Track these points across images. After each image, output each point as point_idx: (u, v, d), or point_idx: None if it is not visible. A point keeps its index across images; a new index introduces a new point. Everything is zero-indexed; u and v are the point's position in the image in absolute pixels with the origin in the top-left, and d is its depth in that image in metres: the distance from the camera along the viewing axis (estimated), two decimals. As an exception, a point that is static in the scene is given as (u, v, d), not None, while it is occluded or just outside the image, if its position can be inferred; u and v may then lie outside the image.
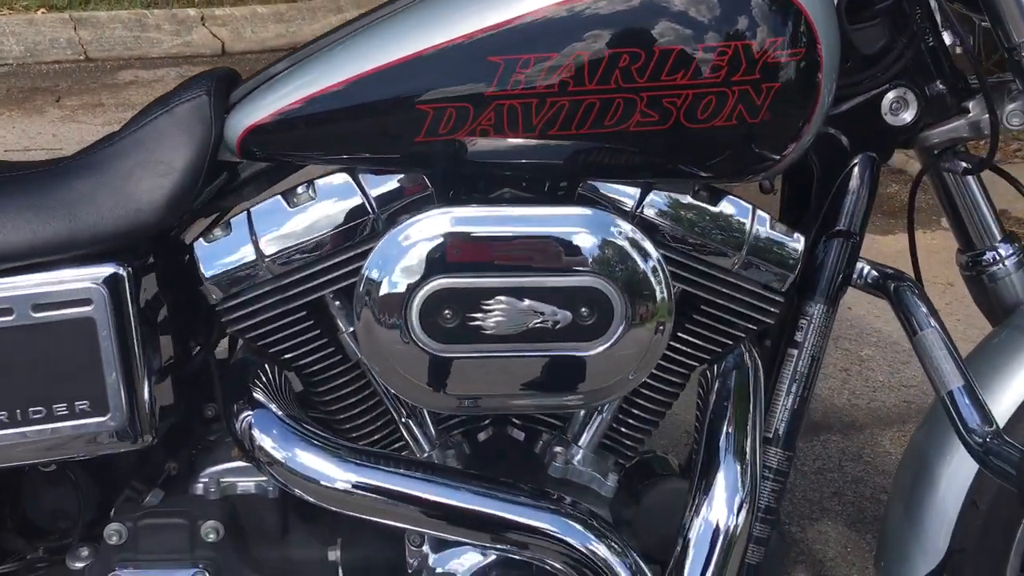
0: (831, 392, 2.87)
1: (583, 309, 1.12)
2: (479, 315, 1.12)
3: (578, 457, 1.31)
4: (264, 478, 1.31)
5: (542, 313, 1.12)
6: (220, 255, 1.20)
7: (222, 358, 1.40)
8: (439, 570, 1.26)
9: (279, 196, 1.20)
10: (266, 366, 1.25)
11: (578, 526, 1.17)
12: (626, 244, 1.12)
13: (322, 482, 1.15)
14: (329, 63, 1.16)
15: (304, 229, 1.19)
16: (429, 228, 1.12)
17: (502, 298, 1.12)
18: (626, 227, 1.13)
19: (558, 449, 1.31)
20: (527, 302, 1.12)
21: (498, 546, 1.18)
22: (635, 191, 1.20)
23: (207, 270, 1.20)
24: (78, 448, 1.20)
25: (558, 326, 1.13)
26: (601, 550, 1.17)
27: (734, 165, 1.18)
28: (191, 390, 1.37)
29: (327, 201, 1.19)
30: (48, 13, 5.75)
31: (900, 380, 2.95)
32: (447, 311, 1.12)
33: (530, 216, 1.14)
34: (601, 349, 1.14)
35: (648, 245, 1.13)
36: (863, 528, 2.33)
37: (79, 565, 1.29)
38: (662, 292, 1.14)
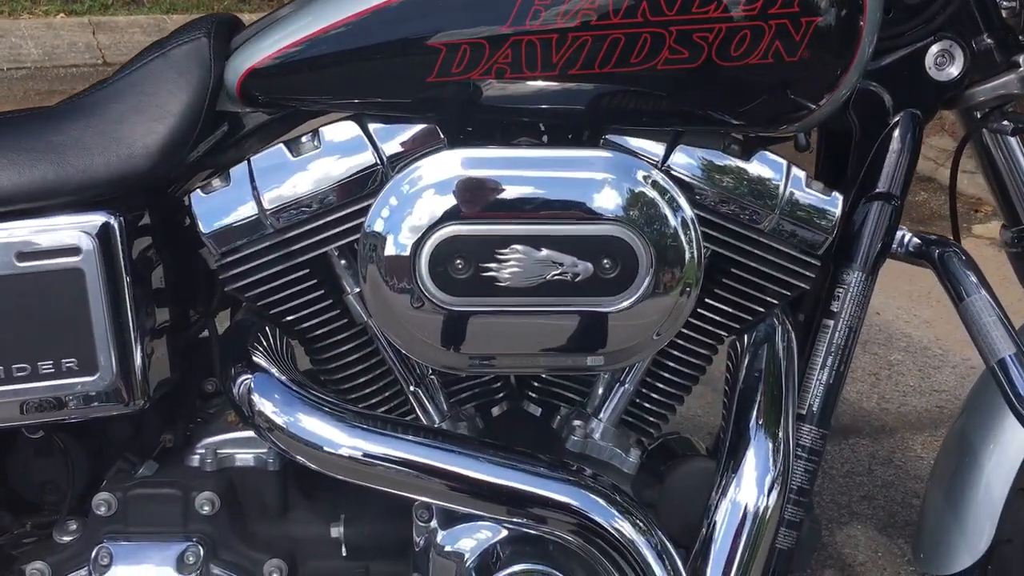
0: (860, 396, 2.79)
1: (605, 260, 1.04)
2: (493, 266, 1.04)
3: (599, 431, 1.24)
4: (264, 450, 1.24)
5: (561, 264, 1.04)
6: (218, 208, 1.13)
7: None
8: (448, 548, 1.18)
9: (281, 145, 1.13)
10: (267, 328, 1.17)
11: (600, 500, 1.08)
12: (653, 190, 1.04)
13: (326, 448, 1.07)
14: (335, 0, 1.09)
15: (308, 180, 1.11)
16: (437, 170, 1.04)
17: (518, 247, 1.04)
18: (653, 172, 1.05)
19: (577, 423, 1.24)
20: (545, 252, 1.04)
21: (513, 520, 1.10)
22: (661, 144, 1.12)
23: (204, 224, 1.13)
24: (65, 410, 1.13)
25: (578, 279, 1.05)
26: (624, 527, 1.08)
27: (767, 112, 1.10)
28: (189, 360, 1.29)
29: (333, 150, 1.12)
30: (67, 18, 5.77)
31: (931, 385, 2.87)
32: (458, 261, 1.04)
33: (548, 158, 1.06)
34: (624, 304, 1.06)
35: (676, 192, 1.05)
36: (894, 532, 2.24)
37: (67, 539, 1.22)
38: (690, 241, 1.05)
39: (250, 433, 1.23)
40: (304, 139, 1.13)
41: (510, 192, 1.04)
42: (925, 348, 3.04)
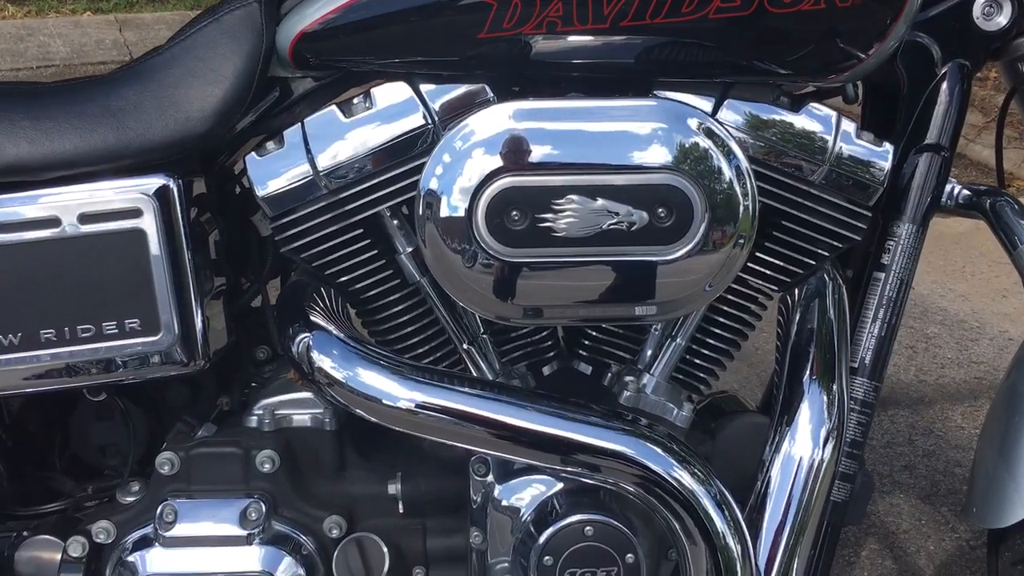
0: (897, 369, 2.78)
1: (660, 209, 1.05)
2: (549, 216, 1.05)
3: (651, 386, 1.24)
4: (320, 410, 1.25)
5: (616, 213, 1.05)
6: (273, 170, 1.14)
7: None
8: (504, 502, 1.19)
9: (334, 106, 1.14)
10: (322, 288, 1.19)
11: (657, 449, 1.08)
12: (707, 138, 1.05)
13: (385, 401, 1.08)
14: (386, -40, 1.10)
15: (361, 141, 1.13)
16: (489, 124, 1.05)
17: (573, 197, 1.04)
18: (708, 120, 1.05)
19: (629, 378, 1.24)
20: (600, 201, 1.04)
21: (570, 470, 1.10)
22: (710, 99, 1.12)
23: (259, 186, 1.14)
24: (129, 370, 1.15)
25: (633, 228, 1.05)
26: (683, 476, 1.08)
27: (816, 61, 1.10)
28: (244, 325, 1.31)
29: (385, 110, 1.13)
30: (94, 15, 5.82)
31: (969, 357, 2.85)
32: (514, 213, 1.05)
33: (600, 108, 1.06)
34: (679, 254, 1.06)
35: (730, 140, 1.06)
36: (937, 501, 2.23)
37: (130, 499, 1.24)
38: (744, 188, 1.06)
39: (306, 394, 1.25)
40: (356, 100, 1.14)
41: (563, 143, 1.04)
42: (962, 321, 3.02)
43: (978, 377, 2.76)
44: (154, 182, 1.11)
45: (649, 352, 1.25)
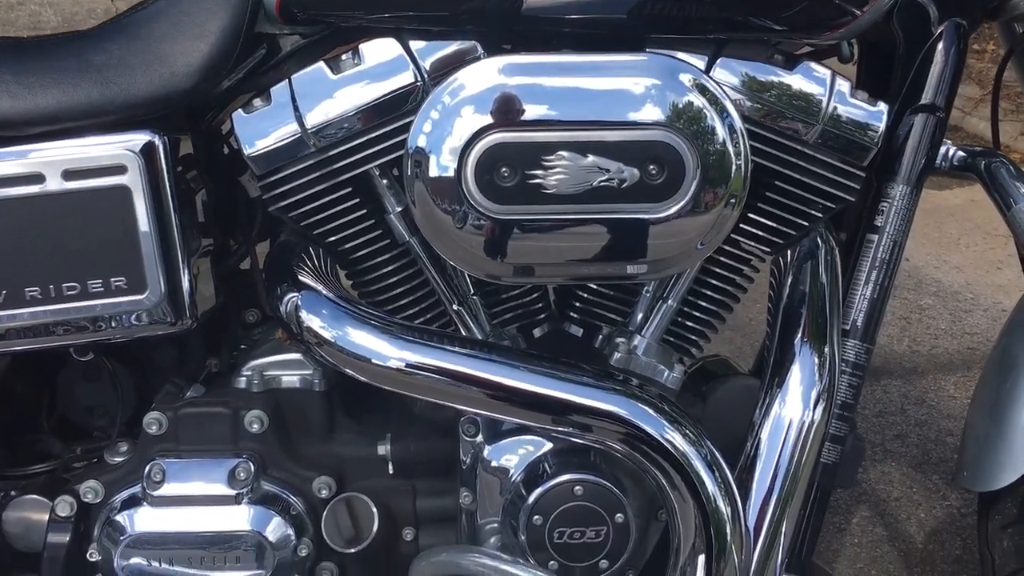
0: (890, 339, 2.78)
1: (651, 166, 1.03)
2: (539, 173, 1.03)
3: (642, 348, 1.24)
4: (309, 371, 1.24)
5: (607, 170, 1.03)
6: (261, 127, 1.13)
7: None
8: (494, 463, 1.18)
9: (322, 63, 1.13)
10: (311, 248, 1.17)
11: (648, 409, 1.08)
12: (699, 94, 1.03)
13: (374, 360, 1.07)
14: (375, -88, 1.08)
15: (349, 98, 1.11)
16: (478, 79, 1.03)
17: (563, 153, 1.03)
18: (702, 77, 1.04)
19: (620, 340, 1.24)
20: (591, 158, 1.03)
21: (561, 430, 1.10)
22: (703, 57, 1.11)
23: (246, 143, 1.13)
24: (115, 328, 1.14)
25: (624, 185, 1.04)
26: (675, 437, 1.08)
27: (811, 17, 1.08)
28: (232, 287, 1.30)
29: (373, 67, 1.11)
30: (86, -17, 5.75)
31: (963, 328, 2.86)
32: (504, 169, 1.03)
33: (591, 63, 1.04)
34: (670, 211, 1.05)
35: (723, 96, 1.04)
36: (928, 469, 2.24)
37: (118, 460, 1.23)
38: (737, 146, 1.04)
39: (295, 355, 1.24)
40: (344, 57, 1.13)
41: (553, 98, 1.03)
42: (956, 293, 3.02)
43: (971, 348, 2.76)
44: (139, 138, 1.10)
45: (640, 314, 1.25)
